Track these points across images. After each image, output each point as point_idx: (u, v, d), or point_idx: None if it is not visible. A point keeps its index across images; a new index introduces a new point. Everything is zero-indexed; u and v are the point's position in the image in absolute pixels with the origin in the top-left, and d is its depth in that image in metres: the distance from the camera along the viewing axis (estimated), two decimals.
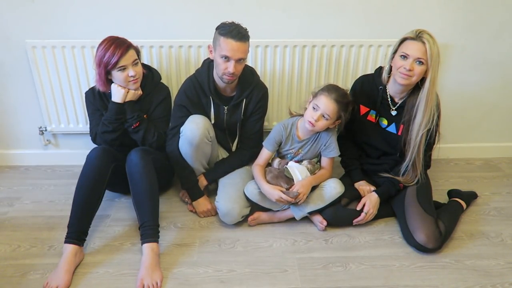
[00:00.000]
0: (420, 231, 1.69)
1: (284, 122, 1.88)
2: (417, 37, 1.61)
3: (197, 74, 1.87)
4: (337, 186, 1.80)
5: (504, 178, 2.31)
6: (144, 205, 1.67)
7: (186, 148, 1.83)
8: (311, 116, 1.72)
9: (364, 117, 1.87)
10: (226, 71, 1.71)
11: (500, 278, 1.60)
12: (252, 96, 1.88)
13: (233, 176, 1.94)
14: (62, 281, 1.51)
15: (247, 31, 1.70)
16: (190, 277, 1.59)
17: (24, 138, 2.32)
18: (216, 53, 1.72)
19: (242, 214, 1.83)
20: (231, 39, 1.65)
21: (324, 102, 1.69)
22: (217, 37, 1.70)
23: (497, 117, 2.41)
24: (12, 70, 2.12)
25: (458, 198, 1.98)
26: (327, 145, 1.84)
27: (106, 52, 1.69)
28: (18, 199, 2.06)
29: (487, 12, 2.10)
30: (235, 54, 1.67)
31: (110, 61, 1.69)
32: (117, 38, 1.74)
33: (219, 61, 1.70)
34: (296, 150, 1.86)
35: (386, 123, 1.83)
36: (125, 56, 1.71)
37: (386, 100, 1.80)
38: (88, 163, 1.69)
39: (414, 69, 1.62)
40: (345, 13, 2.06)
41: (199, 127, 1.79)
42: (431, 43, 1.58)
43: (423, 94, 1.66)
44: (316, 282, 1.57)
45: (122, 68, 1.73)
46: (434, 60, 1.60)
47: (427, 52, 1.58)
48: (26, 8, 1.97)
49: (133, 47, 1.77)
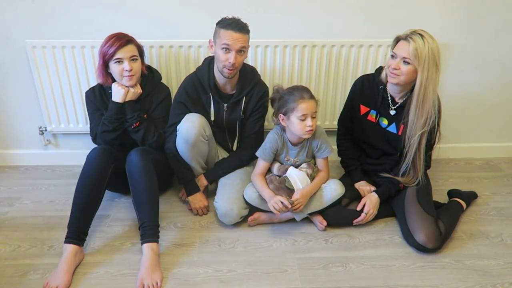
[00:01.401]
0: (420, 231, 1.69)
1: (275, 130, 1.85)
2: (407, 36, 1.61)
3: (197, 71, 1.88)
4: (337, 187, 1.81)
5: (504, 178, 2.31)
6: (144, 205, 1.67)
7: (182, 146, 1.84)
8: (305, 125, 1.69)
9: (364, 117, 1.87)
10: (226, 62, 1.71)
11: (500, 278, 1.60)
12: (253, 94, 1.88)
13: (233, 177, 1.95)
14: (62, 281, 1.51)
15: (247, 25, 1.72)
16: (190, 277, 1.59)
17: (24, 138, 2.32)
18: (216, 46, 1.73)
19: (241, 215, 1.83)
20: (231, 30, 1.67)
21: (306, 107, 1.67)
22: (217, 31, 1.72)
23: (497, 117, 2.41)
24: (12, 70, 2.12)
25: (458, 198, 1.98)
26: (319, 147, 1.83)
27: (107, 43, 1.72)
28: (18, 199, 2.06)
29: (487, 12, 2.10)
30: (235, 43, 1.68)
31: (107, 51, 1.71)
32: (121, 33, 1.76)
33: (220, 53, 1.71)
34: (294, 158, 1.85)
35: (386, 123, 1.83)
36: (123, 48, 1.72)
37: (386, 100, 1.79)
38: (88, 163, 1.69)
39: (401, 68, 1.62)
40: (345, 13, 2.06)
41: (195, 125, 1.79)
42: (418, 43, 1.57)
43: (413, 95, 1.65)
44: (316, 282, 1.57)
45: (118, 61, 1.73)
46: (422, 61, 1.58)
47: (411, 52, 1.58)
48: (26, 8, 1.97)
49: (134, 43, 1.78)
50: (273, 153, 1.84)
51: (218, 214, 1.84)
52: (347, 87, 2.20)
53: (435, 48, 1.60)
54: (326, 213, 1.82)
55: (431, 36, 1.61)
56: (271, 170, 1.89)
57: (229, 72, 1.74)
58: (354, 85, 1.90)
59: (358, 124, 1.89)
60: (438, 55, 1.61)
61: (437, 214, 1.77)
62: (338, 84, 2.21)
